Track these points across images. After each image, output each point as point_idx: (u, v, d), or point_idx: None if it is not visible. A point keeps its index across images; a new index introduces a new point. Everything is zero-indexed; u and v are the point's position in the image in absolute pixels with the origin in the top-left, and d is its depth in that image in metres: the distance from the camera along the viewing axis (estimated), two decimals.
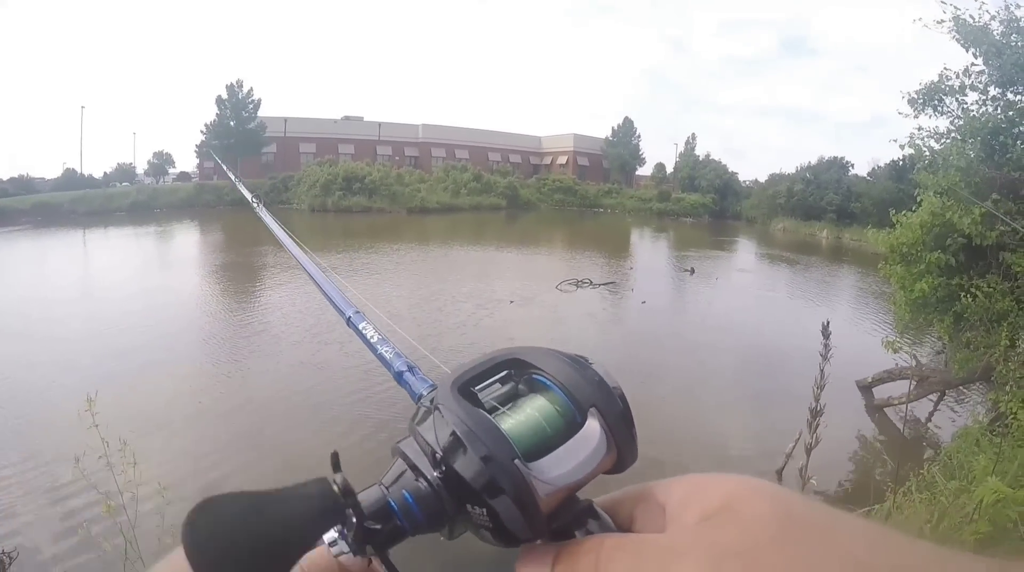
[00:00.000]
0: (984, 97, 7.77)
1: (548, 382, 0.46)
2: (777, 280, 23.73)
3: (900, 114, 8.32)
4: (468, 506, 0.41)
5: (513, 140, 68.60)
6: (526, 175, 62.17)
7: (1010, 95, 7.63)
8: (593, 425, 0.43)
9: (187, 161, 58.79)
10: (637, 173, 66.63)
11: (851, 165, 48.58)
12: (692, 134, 67.09)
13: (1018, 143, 7.49)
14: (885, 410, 9.52)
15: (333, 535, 0.44)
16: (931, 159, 8.14)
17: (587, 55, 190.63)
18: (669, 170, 63.21)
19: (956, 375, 8.39)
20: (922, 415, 9.29)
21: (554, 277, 19.15)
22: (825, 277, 25.12)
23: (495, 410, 0.46)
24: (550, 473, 0.40)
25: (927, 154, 8.21)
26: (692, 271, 22.97)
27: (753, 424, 9.02)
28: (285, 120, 54.61)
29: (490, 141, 66.25)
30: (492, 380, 0.49)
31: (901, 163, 31.51)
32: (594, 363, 0.47)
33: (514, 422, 0.44)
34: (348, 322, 0.91)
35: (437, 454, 0.42)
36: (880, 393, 9.82)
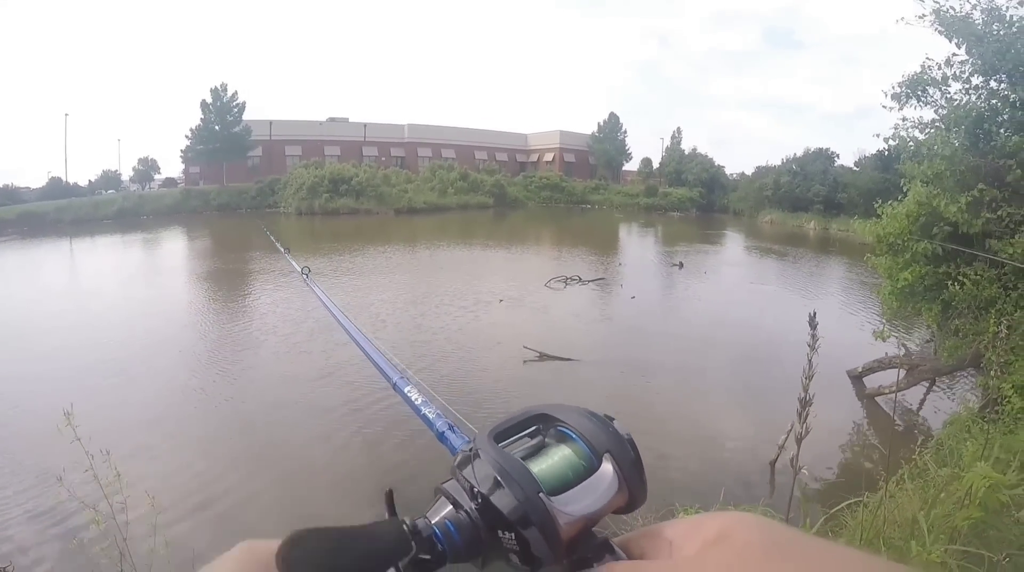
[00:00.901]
0: (967, 86, 7.82)
1: (571, 433, 0.54)
2: (766, 272, 23.84)
3: (884, 108, 8.36)
4: (499, 532, 0.48)
5: (499, 138, 68.60)
6: (513, 173, 62.19)
7: (993, 83, 7.67)
8: (607, 468, 0.51)
9: (173, 167, 58.43)
10: (624, 168, 66.85)
11: (837, 156, 48.82)
12: (678, 128, 67.27)
13: (1002, 131, 7.54)
14: (876, 399, 9.58)
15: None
16: (916, 149, 8.18)
17: (572, 51, 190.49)
18: (656, 165, 63.38)
19: (945, 363, 8.44)
20: (913, 403, 9.37)
21: (543, 275, 19.19)
22: (814, 269, 25.28)
23: (527, 457, 0.53)
24: (569, 506, 0.48)
25: (911, 145, 8.25)
26: (681, 265, 23.10)
27: (746, 416, 9.04)
28: (270, 123, 54.40)
29: (476, 140, 66.22)
30: (522, 434, 0.56)
31: (887, 153, 31.64)
32: (615, 421, 0.55)
33: (541, 465, 0.51)
34: (394, 387, 1.00)
35: (476, 488, 0.49)
36: (871, 382, 9.89)
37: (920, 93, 8.08)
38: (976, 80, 7.76)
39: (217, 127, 47.42)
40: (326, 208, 42.18)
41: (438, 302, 15.77)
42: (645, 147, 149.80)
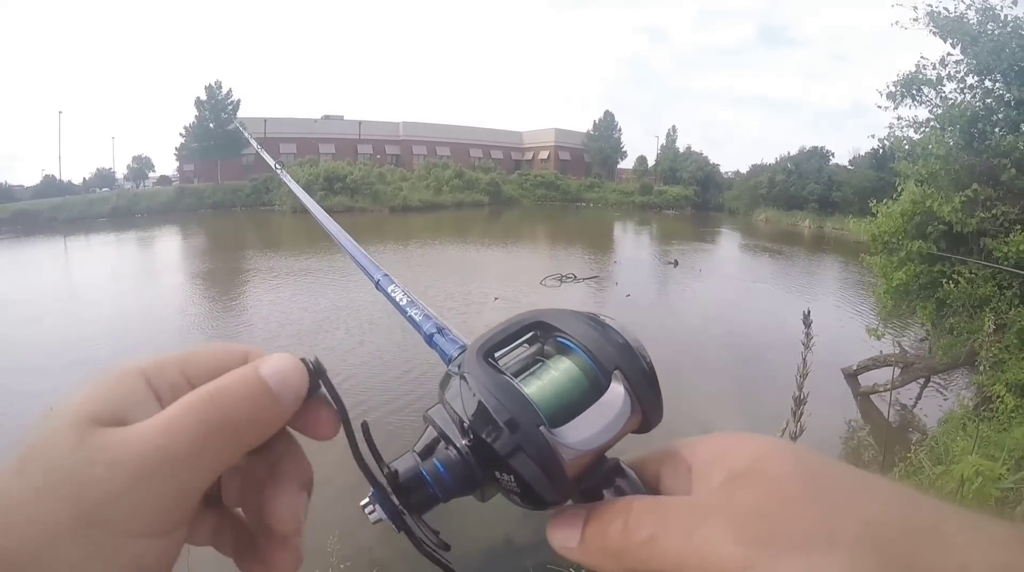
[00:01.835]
0: (962, 86, 7.85)
1: (572, 345, 0.46)
2: (761, 271, 23.86)
3: (879, 107, 8.38)
4: (497, 473, 0.42)
5: (494, 136, 68.63)
6: (508, 171, 62.01)
7: (988, 83, 7.70)
8: (617, 388, 0.43)
9: (167, 164, 58.35)
10: (619, 166, 66.85)
11: (831, 154, 48.95)
12: (672, 126, 67.52)
13: (997, 130, 7.57)
14: (871, 397, 9.59)
15: (367, 500, 0.44)
16: (910, 149, 8.21)
17: (567, 49, 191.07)
18: (650, 163, 63.45)
19: (940, 361, 8.47)
20: (908, 402, 9.38)
21: (538, 273, 19.12)
22: (809, 267, 25.33)
23: (522, 372, 0.46)
24: (576, 438, 0.41)
25: (906, 145, 8.28)
26: (676, 263, 23.07)
27: (740, 414, 9.05)
28: (265, 121, 54.17)
29: (471, 138, 66.21)
30: (518, 342, 0.49)
31: (881, 152, 31.78)
32: (613, 322, 0.47)
33: (540, 385, 0.44)
34: (377, 285, 0.91)
35: (464, 423, 0.42)
36: (866, 380, 9.90)
37: (915, 93, 8.11)
38: (971, 80, 7.80)
39: (212, 125, 47.23)
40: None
41: (432, 301, 15.45)
42: (640, 145, 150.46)
